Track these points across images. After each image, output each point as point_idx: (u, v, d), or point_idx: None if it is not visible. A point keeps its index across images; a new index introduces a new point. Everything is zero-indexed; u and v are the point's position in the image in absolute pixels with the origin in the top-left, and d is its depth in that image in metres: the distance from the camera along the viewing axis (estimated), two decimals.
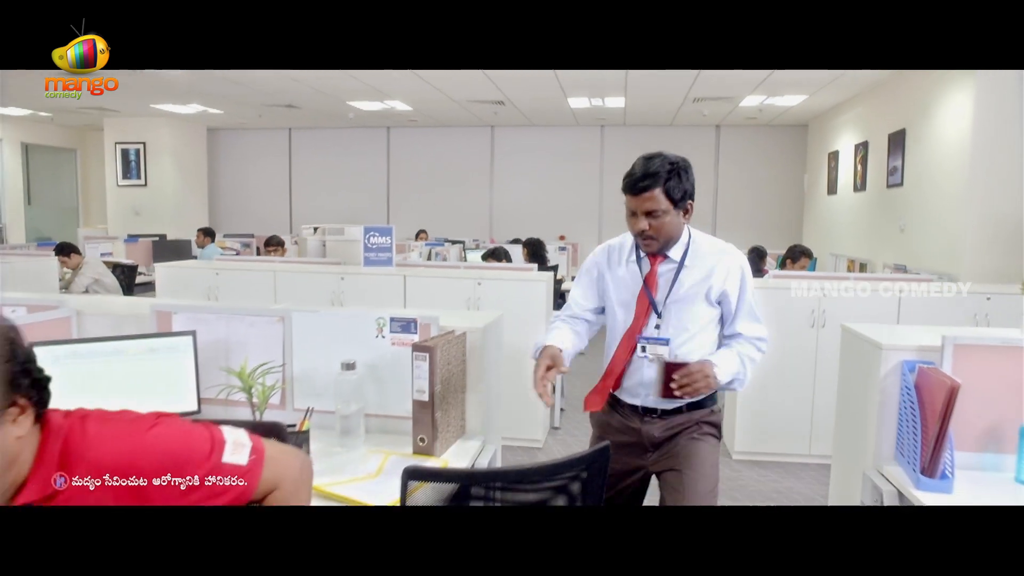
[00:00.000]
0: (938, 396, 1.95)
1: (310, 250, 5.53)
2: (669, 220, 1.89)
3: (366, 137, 10.24)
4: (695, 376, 1.84)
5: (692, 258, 1.95)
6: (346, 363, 2.18)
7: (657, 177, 1.85)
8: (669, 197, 1.87)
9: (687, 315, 1.94)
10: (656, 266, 1.96)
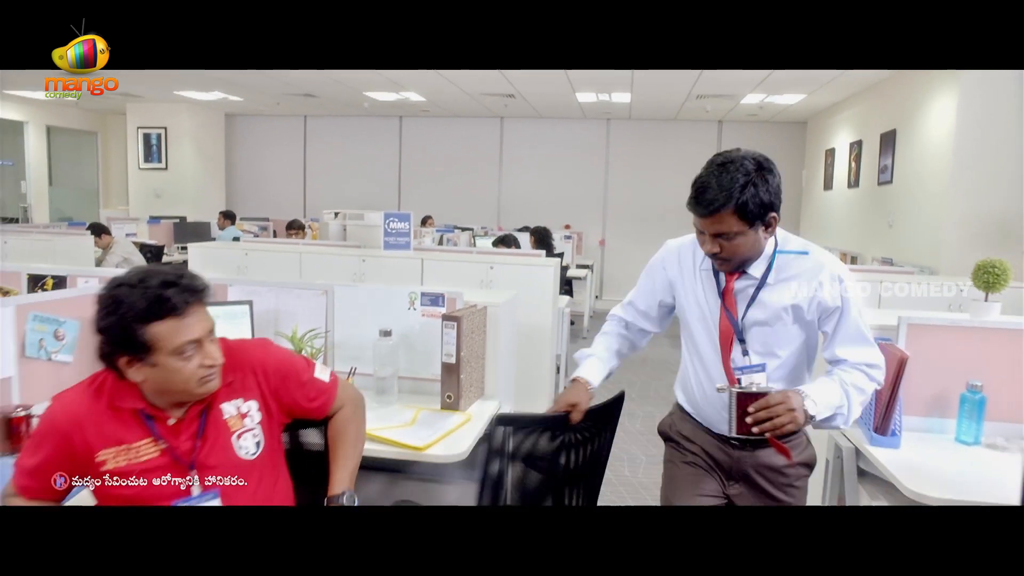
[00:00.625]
0: (891, 366, 2.28)
1: (331, 233, 5.86)
2: (745, 240, 1.59)
3: (379, 126, 10.55)
4: (776, 409, 1.55)
5: (777, 273, 1.66)
6: (383, 331, 2.53)
7: (730, 195, 1.54)
8: (744, 217, 1.56)
9: (772, 338, 1.67)
10: (732, 282, 1.69)
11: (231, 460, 1.49)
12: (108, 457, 1.42)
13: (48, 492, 1.44)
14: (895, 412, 2.28)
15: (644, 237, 10.03)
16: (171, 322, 1.38)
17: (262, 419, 1.55)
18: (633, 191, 10.07)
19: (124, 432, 1.44)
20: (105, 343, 1.41)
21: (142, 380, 1.42)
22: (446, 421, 2.31)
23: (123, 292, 1.38)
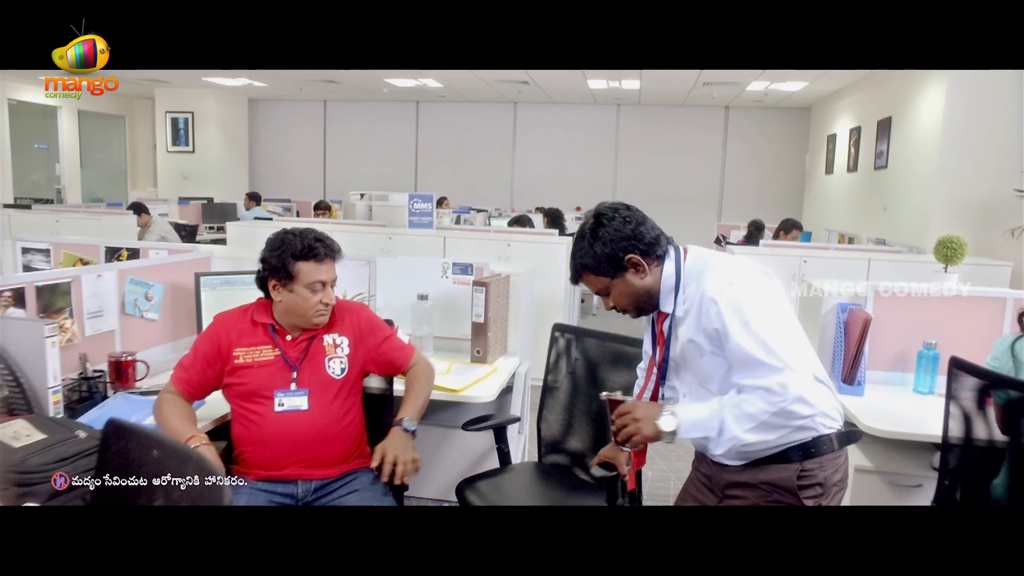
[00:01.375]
0: (857, 326, 2.68)
1: (358, 213, 6.26)
2: (618, 289, 1.60)
3: (396, 110, 10.91)
4: (623, 419, 1.53)
5: (683, 305, 1.59)
6: (420, 295, 2.93)
7: (576, 262, 1.61)
8: (597, 272, 1.58)
9: (700, 375, 1.60)
10: (660, 324, 1.65)
11: (320, 374, 1.97)
12: (241, 353, 1.96)
13: (192, 387, 1.95)
14: (860, 366, 2.67)
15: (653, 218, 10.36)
16: (312, 264, 1.92)
17: (349, 354, 2.01)
18: (642, 174, 10.41)
19: (255, 338, 1.97)
20: (264, 268, 1.95)
21: (279, 300, 1.94)
22: (476, 371, 2.72)
23: (288, 236, 1.95)
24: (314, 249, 1.92)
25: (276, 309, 1.98)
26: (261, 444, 1.92)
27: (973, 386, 1.85)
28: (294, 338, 1.99)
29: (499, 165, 10.81)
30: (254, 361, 1.95)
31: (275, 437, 1.91)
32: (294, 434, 1.91)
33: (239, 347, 1.96)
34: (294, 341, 1.99)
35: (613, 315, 1.79)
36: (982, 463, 1.92)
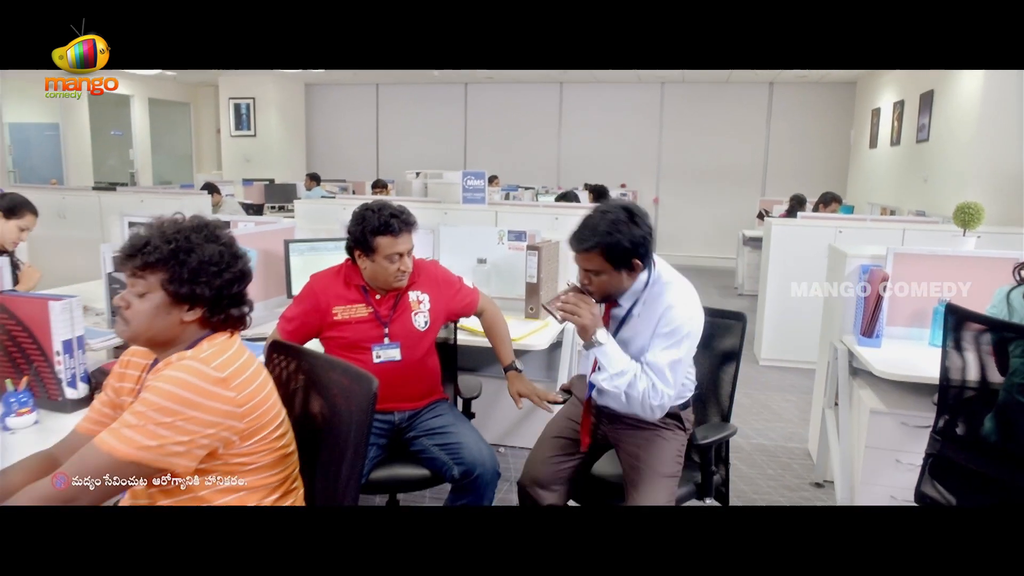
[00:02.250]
0: (876, 283, 2.94)
1: (414, 190, 6.66)
2: (608, 280, 1.88)
3: (446, 92, 11.26)
4: (578, 303, 1.89)
5: (641, 307, 1.95)
6: (480, 259, 3.30)
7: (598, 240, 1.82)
8: (609, 260, 1.82)
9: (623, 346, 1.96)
10: (608, 309, 2.01)
11: (407, 327, 2.31)
12: (339, 311, 2.26)
13: (294, 336, 2.28)
14: (877, 320, 2.94)
15: (697, 196, 10.57)
16: (390, 238, 2.18)
17: (431, 308, 2.35)
18: (686, 151, 10.57)
19: (350, 297, 2.29)
20: (350, 239, 2.25)
21: (364, 268, 2.25)
22: (529, 326, 3.08)
23: (368, 212, 2.21)
24: (390, 225, 2.17)
25: (364, 273, 2.28)
26: None
27: (963, 328, 2.12)
28: (383, 297, 2.30)
29: (545, 144, 11.09)
30: (351, 318, 2.26)
31: None
32: (390, 378, 2.17)
33: (337, 305, 2.26)
34: (383, 299, 2.30)
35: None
36: (976, 400, 2.19)
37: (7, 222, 3.16)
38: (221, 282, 1.34)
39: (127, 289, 1.34)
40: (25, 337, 1.92)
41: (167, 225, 1.35)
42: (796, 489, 3.25)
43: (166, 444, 1.23)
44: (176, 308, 1.33)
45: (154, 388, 1.25)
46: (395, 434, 2.30)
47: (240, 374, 1.32)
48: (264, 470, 1.36)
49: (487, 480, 2.15)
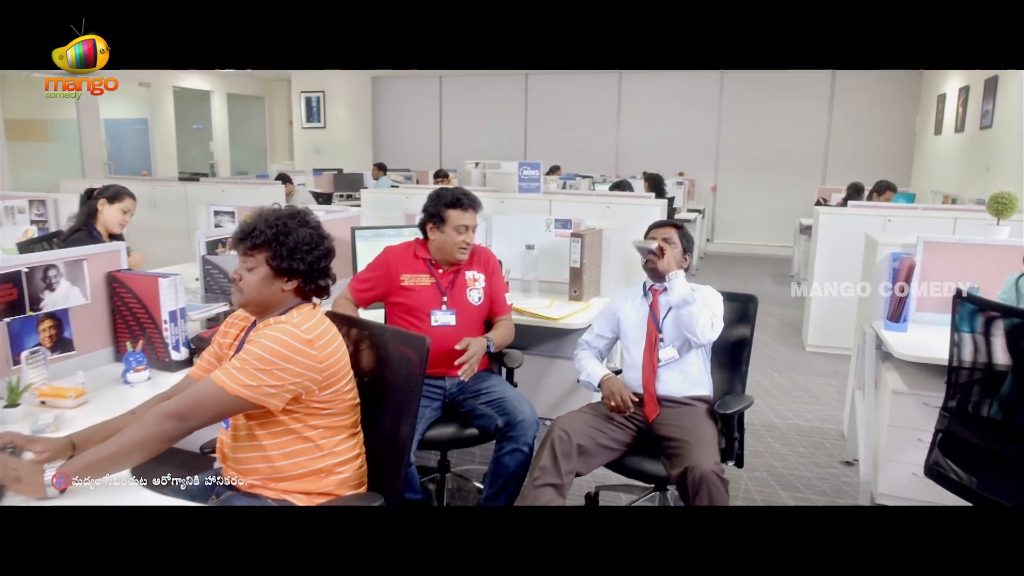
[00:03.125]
0: (904, 270, 3.08)
1: (472, 180, 6.96)
2: (673, 255, 2.54)
3: (507, 83, 11.53)
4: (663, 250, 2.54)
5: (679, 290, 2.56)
6: (528, 245, 3.57)
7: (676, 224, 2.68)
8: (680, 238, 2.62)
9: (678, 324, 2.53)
10: (657, 296, 2.58)
11: (463, 300, 2.64)
12: (406, 278, 2.62)
13: (363, 296, 2.63)
14: (905, 305, 3.08)
15: (755, 184, 10.55)
16: (459, 211, 2.58)
17: (485, 287, 2.68)
18: (745, 139, 10.55)
19: (417, 268, 2.64)
20: (424, 214, 2.63)
21: (433, 239, 2.60)
22: (572, 307, 3.33)
23: (443, 190, 2.65)
24: (460, 200, 2.60)
25: (431, 247, 2.64)
26: None
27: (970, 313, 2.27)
28: (445, 271, 2.65)
29: (604, 133, 11.24)
30: (415, 285, 2.62)
31: (434, 345, 2.55)
32: (446, 344, 2.49)
33: (405, 273, 2.62)
34: (445, 273, 2.65)
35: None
36: (982, 381, 2.34)
37: (111, 207, 3.58)
38: (312, 258, 1.66)
39: (240, 265, 1.67)
40: (139, 308, 2.30)
41: (268, 214, 1.68)
42: (825, 466, 3.42)
43: (262, 385, 1.55)
44: (278, 279, 1.65)
45: (257, 343, 1.58)
46: (447, 398, 2.60)
47: (322, 338, 1.64)
48: (337, 415, 1.68)
49: (527, 426, 2.43)
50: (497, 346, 2.65)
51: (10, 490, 1.42)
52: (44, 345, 2.12)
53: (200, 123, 11.83)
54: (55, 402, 1.94)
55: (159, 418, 1.53)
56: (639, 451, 2.44)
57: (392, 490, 1.71)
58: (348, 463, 1.71)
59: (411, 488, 2.42)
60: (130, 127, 10.96)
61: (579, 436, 2.33)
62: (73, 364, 2.18)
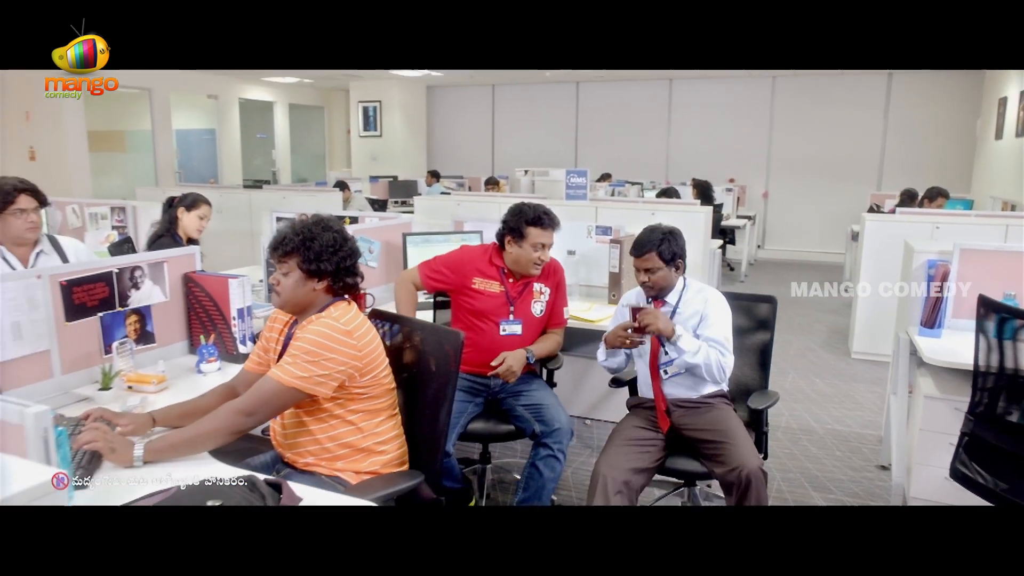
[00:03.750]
0: (939, 277, 3.12)
1: (522, 187, 7.16)
2: (662, 276, 2.48)
3: (558, 91, 11.70)
4: (646, 315, 2.38)
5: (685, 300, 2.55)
6: (569, 251, 3.73)
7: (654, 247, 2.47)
8: (662, 260, 2.46)
9: None
10: (659, 307, 2.52)
11: (528, 310, 2.79)
12: (478, 281, 2.77)
13: (431, 283, 2.81)
14: (939, 311, 3.12)
15: (807, 190, 10.44)
16: (539, 229, 2.70)
17: (547, 300, 2.83)
18: (797, 144, 10.46)
19: (490, 274, 2.78)
20: (504, 227, 2.75)
21: (510, 252, 2.74)
22: (611, 310, 3.47)
23: (525, 207, 2.75)
24: (542, 219, 2.71)
25: (507, 258, 2.76)
26: (477, 349, 2.68)
27: (995, 319, 2.33)
28: (515, 281, 2.79)
29: (654, 139, 11.29)
30: (485, 290, 2.76)
31: (494, 349, 2.68)
32: (509, 349, 2.68)
33: (477, 277, 2.76)
34: (515, 283, 2.79)
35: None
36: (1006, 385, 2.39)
37: (189, 214, 3.89)
38: (338, 258, 1.86)
39: (276, 271, 1.88)
40: (211, 305, 2.55)
41: (296, 223, 1.89)
42: (860, 470, 3.47)
43: (312, 375, 1.76)
44: (310, 280, 1.85)
45: (303, 338, 1.79)
46: (490, 395, 2.77)
47: (359, 329, 1.84)
48: (375, 399, 1.88)
49: (563, 435, 2.58)
50: (538, 357, 2.77)
51: (106, 459, 1.66)
52: (130, 337, 2.38)
53: (263, 132, 12.36)
54: (140, 387, 2.20)
55: (231, 413, 1.76)
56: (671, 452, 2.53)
57: (430, 469, 1.90)
58: (388, 443, 1.91)
59: (451, 477, 2.60)
60: (199, 137, 11.54)
61: (622, 474, 2.36)
62: (154, 355, 2.44)
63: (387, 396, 1.92)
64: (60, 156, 9.21)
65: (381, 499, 1.62)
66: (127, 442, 1.68)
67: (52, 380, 2.18)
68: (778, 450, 3.65)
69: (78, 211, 5.45)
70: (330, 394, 1.80)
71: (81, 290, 2.25)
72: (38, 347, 2.14)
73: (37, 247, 2.79)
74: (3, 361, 2.03)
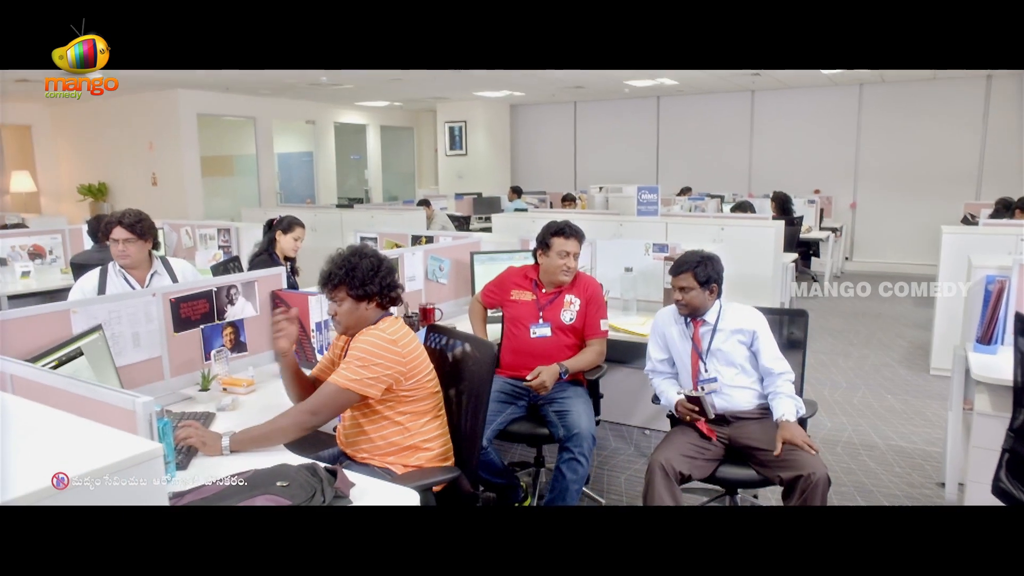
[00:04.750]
0: (996, 292, 3.12)
1: (596, 203, 7.35)
2: (696, 296, 2.68)
3: (638, 106, 11.81)
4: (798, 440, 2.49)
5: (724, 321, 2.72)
6: (627, 267, 3.92)
7: (691, 268, 2.68)
8: (697, 280, 2.67)
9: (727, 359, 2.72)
10: (698, 329, 2.74)
11: (557, 318, 3.06)
12: (515, 293, 3.13)
13: (488, 301, 3.22)
14: (995, 328, 3.11)
15: (898, 200, 10.10)
16: (561, 239, 3.04)
17: (579, 310, 3.06)
18: (887, 153, 10.14)
19: (525, 285, 3.14)
20: (537, 242, 3.12)
21: (541, 263, 3.07)
22: None
23: (551, 222, 3.11)
24: (563, 230, 3.07)
25: (541, 270, 3.12)
26: (515, 353, 3.02)
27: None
28: (547, 292, 3.11)
29: (737, 151, 11.21)
30: (520, 299, 3.13)
31: (527, 351, 2.99)
32: (539, 351, 2.97)
33: (514, 289, 3.16)
34: (547, 294, 3.11)
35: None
36: None
37: (286, 236, 4.34)
38: (379, 278, 2.14)
39: (330, 304, 2.19)
40: None
41: (335, 258, 2.18)
42: (918, 487, 3.47)
43: (364, 378, 2.05)
44: (360, 303, 2.15)
45: (356, 347, 2.08)
46: (531, 399, 3.00)
47: (403, 338, 2.12)
48: (420, 401, 2.14)
49: (582, 439, 2.76)
50: (572, 370, 2.96)
51: (200, 451, 2.00)
52: (226, 346, 2.77)
53: (357, 154, 13.08)
54: (233, 389, 2.57)
55: (299, 413, 2.08)
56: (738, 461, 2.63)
57: (468, 466, 2.15)
58: (432, 440, 2.17)
59: (489, 470, 2.83)
60: (298, 159, 12.37)
61: (678, 463, 2.50)
62: (246, 362, 2.82)
63: (431, 399, 2.19)
64: (178, 181, 10.14)
65: (419, 488, 1.87)
66: (216, 435, 2.01)
67: (163, 382, 2.58)
68: (835, 464, 3.68)
69: (190, 232, 6.08)
70: (379, 395, 2.09)
71: (187, 306, 2.65)
72: (152, 354, 2.54)
73: (152, 269, 3.23)
74: (126, 365, 2.44)
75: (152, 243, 3.23)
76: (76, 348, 2.17)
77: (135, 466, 1.05)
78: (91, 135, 11.00)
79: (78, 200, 10.89)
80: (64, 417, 1.18)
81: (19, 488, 0.97)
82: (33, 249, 5.78)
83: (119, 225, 3.11)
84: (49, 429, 1.17)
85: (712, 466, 2.61)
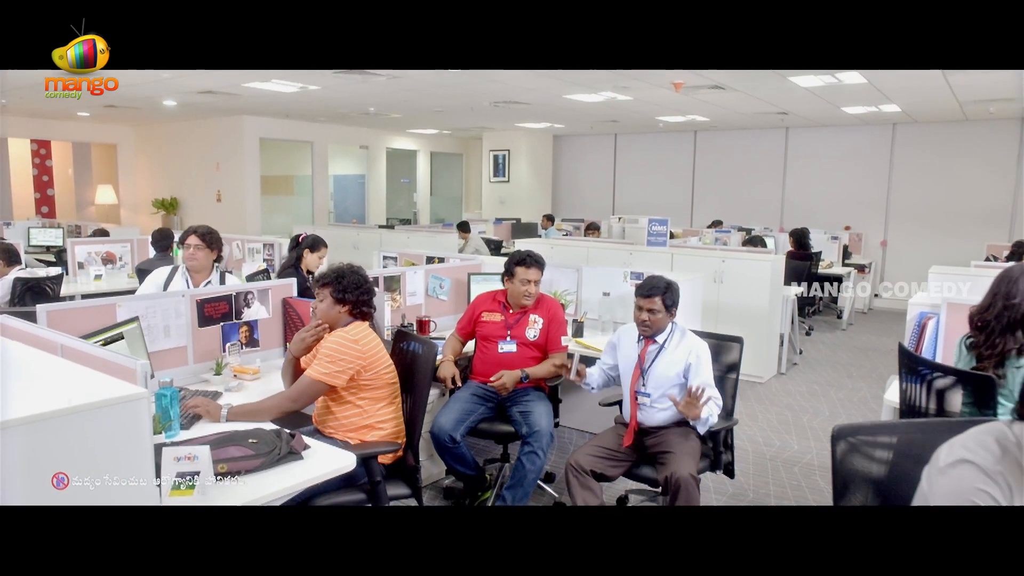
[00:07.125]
0: (923, 329, 3.45)
1: (614, 233, 7.80)
2: (661, 318, 3.01)
3: (676, 139, 12.20)
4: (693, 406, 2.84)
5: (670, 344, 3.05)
6: (604, 292, 4.37)
7: (661, 292, 3.01)
8: (664, 305, 3.00)
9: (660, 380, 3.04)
10: (647, 347, 3.06)
11: (523, 335, 3.52)
12: (485, 315, 3.58)
13: (462, 333, 3.65)
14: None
15: (929, 238, 10.16)
16: (523, 268, 3.51)
17: (541, 328, 3.53)
18: (918, 192, 10.23)
19: (494, 307, 3.59)
20: (504, 268, 3.55)
21: (508, 288, 3.54)
22: None
23: (515, 253, 3.58)
24: (525, 260, 3.52)
25: (508, 293, 3.59)
26: (486, 363, 3.50)
27: (908, 367, 2.71)
28: (514, 312, 3.57)
29: (770, 187, 11.44)
30: (489, 320, 3.58)
31: (495, 362, 3.47)
32: (506, 363, 3.44)
33: (485, 311, 3.60)
34: (514, 314, 3.57)
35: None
36: None
37: (312, 254, 4.95)
38: (358, 292, 2.68)
39: (316, 298, 2.73)
40: (300, 323, 3.47)
41: (334, 267, 2.72)
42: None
43: (332, 371, 2.58)
44: (337, 304, 2.68)
45: (325, 345, 2.62)
46: (499, 401, 3.48)
47: (364, 338, 2.64)
48: (378, 389, 2.66)
49: (542, 436, 3.22)
50: (532, 376, 3.45)
51: (203, 418, 2.56)
52: (241, 341, 3.35)
53: (406, 177, 13.85)
54: (241, 375, 3.14)
55: (283, 399, 2.62)
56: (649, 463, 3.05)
57: (411, 442, 2.67)
58: (386, 422, 2.69)
59: (462, 463, 3.32)
60: (352, 182, 13.21)
61: (586, 462, 2.93)
62: (255, 355, 3.39)
63: (387, 388, 2.71)
64: (239, 198, 11.04)
65: (363, 455, 2.38)
66: (218, 406, 2.57)
67: (186, 367, 3.17)
68: (787, 481, 4.02)
69: (240, 246, 6.82)
70: (344, 384, 2.61)
71: (210, 306, 3.25)
72: (179, 343, 3.14)
73: (208, 277, 3.86)
74: (158, 351, 3.04)
75: (217, 255, 3.89)
76: (119, 332, 2.77)
77: (125, 403, 1.59)
78: (167, 154, 12.09)
79: (152, 212, 11.95)
80: (85, 370, 1.73)
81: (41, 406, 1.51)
82: (106, 255, 6.62)
83: (194, 234, 3.82)
84: (73, 379, 1.72)
85: (624, 466, 3.04)
